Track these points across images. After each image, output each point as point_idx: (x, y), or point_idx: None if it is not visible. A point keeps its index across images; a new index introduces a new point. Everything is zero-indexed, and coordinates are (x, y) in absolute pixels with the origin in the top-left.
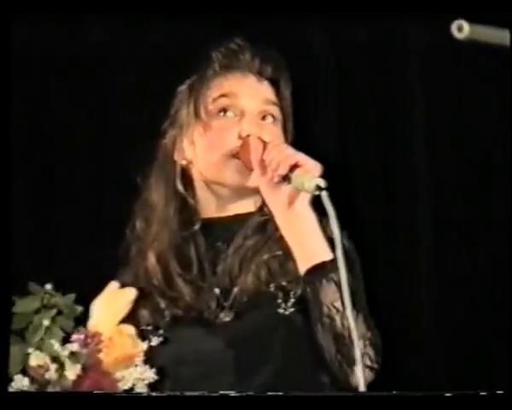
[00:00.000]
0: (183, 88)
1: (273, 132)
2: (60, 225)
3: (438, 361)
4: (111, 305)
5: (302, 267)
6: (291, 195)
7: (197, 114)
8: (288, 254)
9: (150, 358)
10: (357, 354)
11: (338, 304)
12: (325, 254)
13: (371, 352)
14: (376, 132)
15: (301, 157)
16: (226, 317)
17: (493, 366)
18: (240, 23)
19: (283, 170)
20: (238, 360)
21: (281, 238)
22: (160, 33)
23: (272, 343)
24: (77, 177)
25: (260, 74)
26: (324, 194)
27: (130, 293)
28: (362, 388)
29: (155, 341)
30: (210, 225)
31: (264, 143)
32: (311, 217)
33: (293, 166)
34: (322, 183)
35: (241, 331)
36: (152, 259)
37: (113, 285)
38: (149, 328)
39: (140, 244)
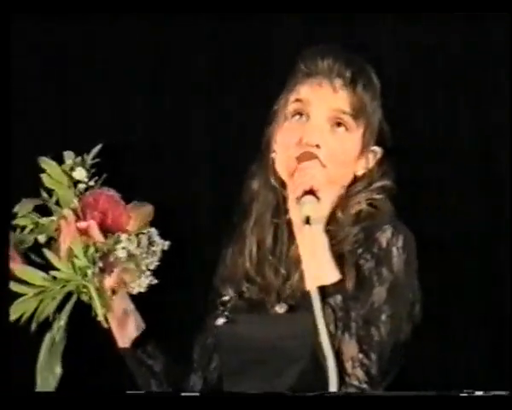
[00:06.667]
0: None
1: (343, 141)
2: None
3: (437, 361)
4: None
5: (307, 286)
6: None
7: (279, 114)
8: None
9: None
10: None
11: (331, 327)
12: (326, 278)
13: (360, 373)
14: None
15: (317, 183)
16: (281, 309)
17: (493, 366)
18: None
19: (298, 193)
20: (277, 353)
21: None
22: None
23: (305, 343)
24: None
25: (340, 77)
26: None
27: None
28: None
29: (221, 321)
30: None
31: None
32: (319, 240)
33: (307, 192)
34: (311, 215)
35: (288, 327)
36: (249, 245)
37: None
38: (220, 309)
39: (240, 230)
